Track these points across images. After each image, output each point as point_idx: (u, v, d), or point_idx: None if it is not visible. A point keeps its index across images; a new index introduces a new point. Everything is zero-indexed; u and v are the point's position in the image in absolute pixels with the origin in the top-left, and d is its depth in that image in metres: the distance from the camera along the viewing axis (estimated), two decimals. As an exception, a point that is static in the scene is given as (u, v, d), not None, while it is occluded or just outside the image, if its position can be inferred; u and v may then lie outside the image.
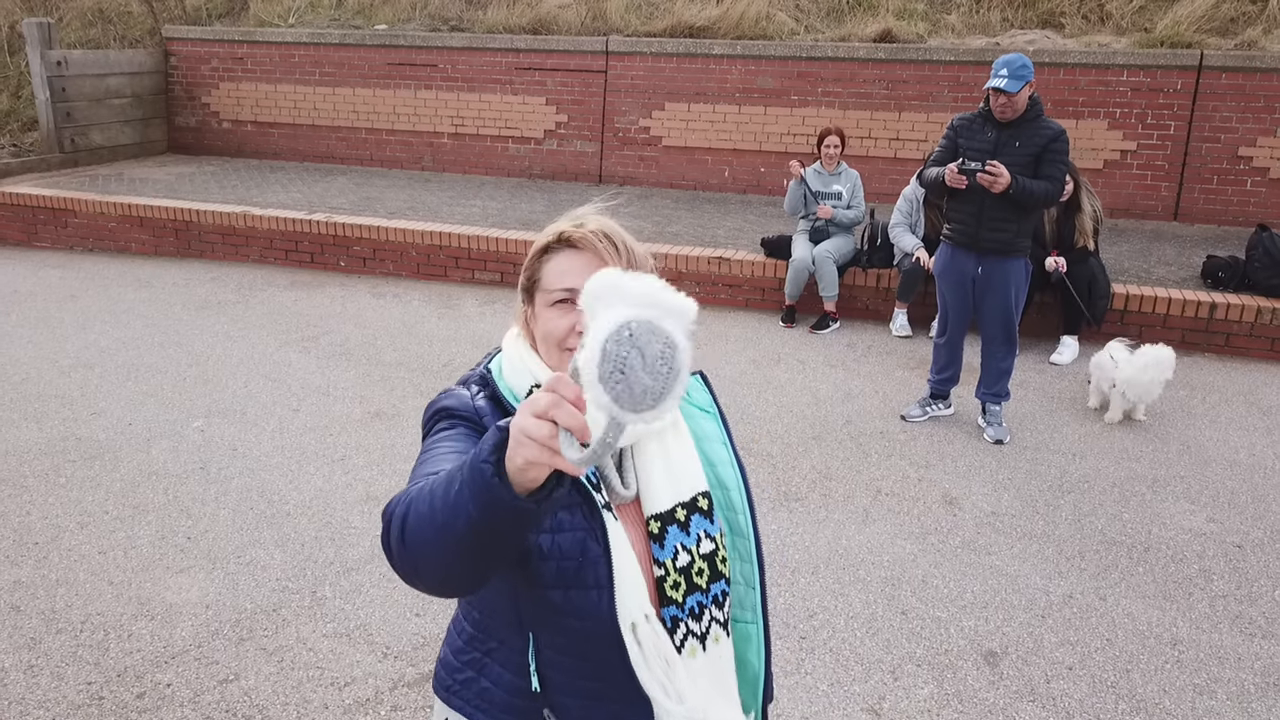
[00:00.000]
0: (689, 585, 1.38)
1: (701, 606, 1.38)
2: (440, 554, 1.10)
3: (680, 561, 1.37)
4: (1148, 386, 4.97)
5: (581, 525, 1.31)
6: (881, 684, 3.11)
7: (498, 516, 1.03)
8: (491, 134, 10.27)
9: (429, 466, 1.27)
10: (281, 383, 5.56)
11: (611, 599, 1.30)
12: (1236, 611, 3.51)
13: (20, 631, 3.32)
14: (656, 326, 0.96)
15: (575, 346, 1.28)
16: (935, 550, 3.89)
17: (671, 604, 1.36)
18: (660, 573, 1.37)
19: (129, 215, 8.48)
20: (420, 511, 1.12)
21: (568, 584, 1.31)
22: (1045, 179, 4.58)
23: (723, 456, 1.49)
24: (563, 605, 1.31)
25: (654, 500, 1.38)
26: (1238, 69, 8.03)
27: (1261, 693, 3.09)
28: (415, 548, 1.12)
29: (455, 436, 1.34)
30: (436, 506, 1.09)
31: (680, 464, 1.40)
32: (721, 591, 1.41)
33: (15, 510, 4.13)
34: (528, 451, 0.99)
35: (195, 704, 2.98)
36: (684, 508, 1.39)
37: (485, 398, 1.40)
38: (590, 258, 1.37)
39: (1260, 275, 6.18)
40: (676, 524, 1.38)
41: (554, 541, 1.30)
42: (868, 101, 8.99)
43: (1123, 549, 3.92)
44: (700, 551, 1.39)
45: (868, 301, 6.81)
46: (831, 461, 4.66)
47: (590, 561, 1.31)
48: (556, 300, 1.38)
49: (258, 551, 3.83)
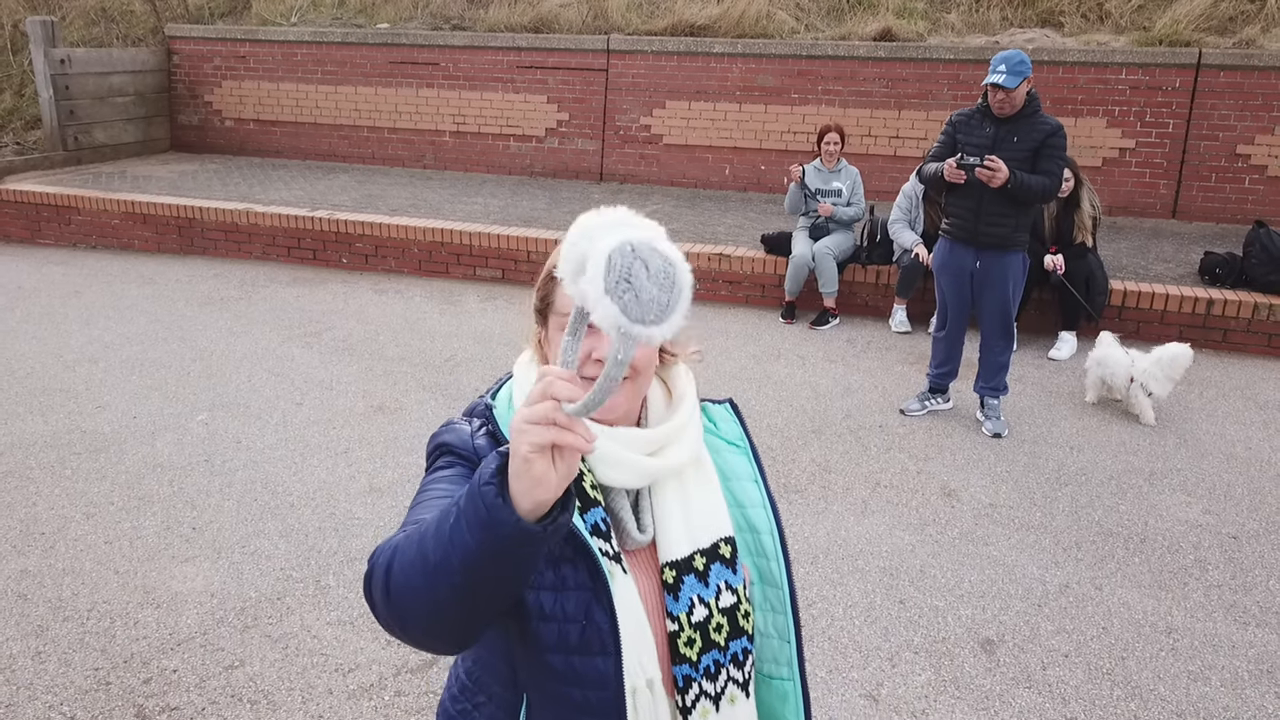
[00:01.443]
0: (705, 642, 1.26)
1: (718, 665, 1.27)
2: (429, 599, 1.03)
3: (696, 616, 1.26)
4: (1164, 380, 4.99)
5: (587, 584, 1.21)
6: (879, 671, 3.15)
7: (499, 545, 0.97)
8: (493, 132, 10.31)
9: (421, 511, 1.19)
10: (285, 377, 5.60)
11: (619, 667, 1.20)
12: (1231, 601, 3.55)
13: (28, 619, 3.36)
14: (656, 245, 0.96)
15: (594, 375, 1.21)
16: (933, 541, 3.93)
17: (684, 662, 1.25)
18: (674, 628, 1.25)
19: (132, 212, 8.53)
20: (407, 556, 1.05)
21: (570, 649, 1.20)
22: (1043, 174, 4.62)
23: (753, 497, 1.37)
24: (564, 672, 1.21)
25: (670, 547, 1.27)
26: (1236, 67, 8.06)
27: (1255, 680, 3.12)
28: (401, 595, 1.05)
29: (452, 478, 1.26)
30: (428, 548, 1.02)
31: (701, 507, 1.30)
32: (742, 649, 1.29)
33: (22, 501, 4.17)
34: (531, 434, 0.93)
35: (201, 689, 3.01)
36: (703, 555, 1.27)
37: (486, 435, 1.30)
38: None
39: (1257, 271, 6.22)
40: (694, 573, 1.27)
41: (556, 601, 1.20)
42: (868, 100, 9.03)
43: (1119, 540, 3.95)
44: (719, 605, 1.27)
45: (867, 298, 6.85)
46: (831, 455, 4.69)
47: (595, 626, 1.20)
48: None
49: (262, 541, 3.86)
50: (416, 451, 4.64)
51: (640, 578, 1.26)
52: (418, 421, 4.99)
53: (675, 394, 1.36)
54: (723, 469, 1.37)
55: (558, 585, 1.20)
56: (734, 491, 1.36)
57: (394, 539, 1.10)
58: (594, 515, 1.23)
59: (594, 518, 1.23)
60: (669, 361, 1.38)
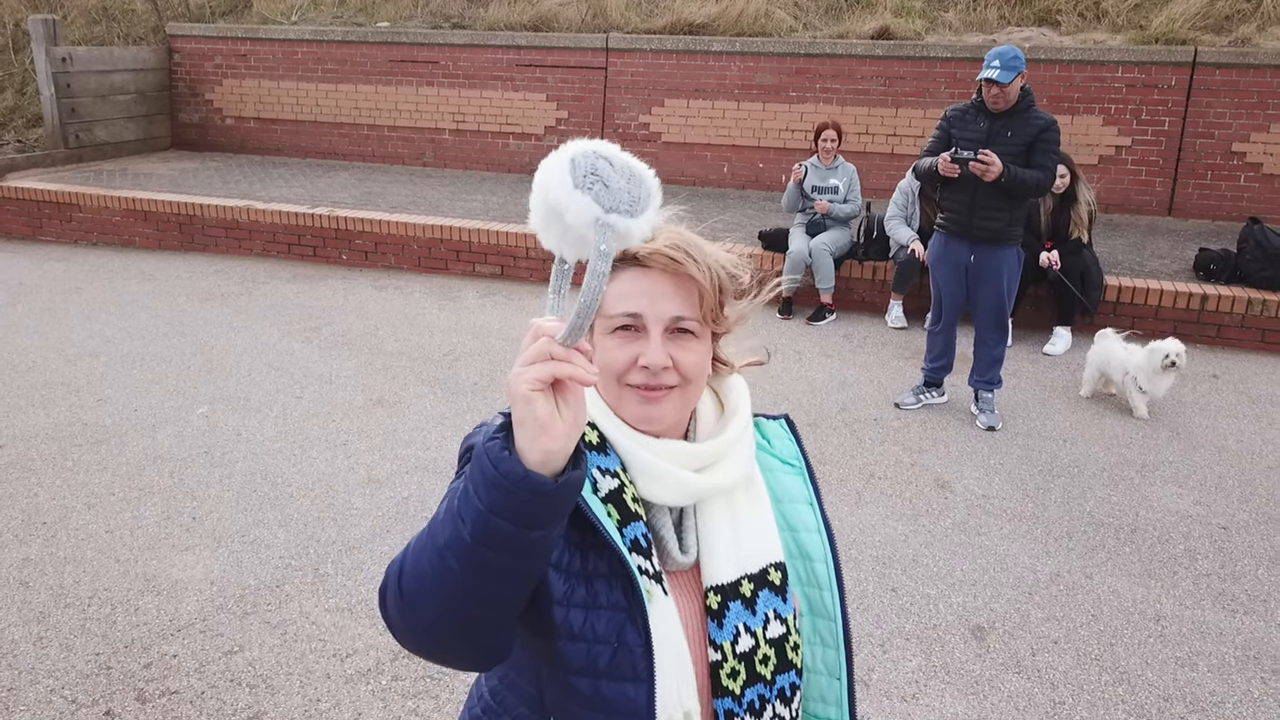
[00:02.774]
0: (750, 675, 1.16)
1: (764, 701, 1.17)
2: (439, 588, 0.97)
3: (741, 646, 1.16)
4: (1151, 374, 5.02)
5: (621, 604, 1.11)
6: (871, 657, 3.19)
7: (510, 502, 0.91)
8: (492, 130, 10.35)
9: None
10: (284, 371, 5.64)
11: (651, 695, 1.11)
12: (1220, 589, 3.59)
13: (30, 606, 3.40)
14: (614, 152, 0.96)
15: (638, 382, 1.16)
16: (926, 531, 3.97)
17: (727, 695, 1.16)
18: (716, 657, 1.16)
19: (133, 209, 8.57)
20: (419, 545, 1.00)
21: (598, 673, 1.11)
22: (1037, 168, 4.66)
23: (808, 520, 1.27)
24: (590, 697, 1.11)
25: (716, 570, 1.18)
26: (1231, 65, 8.10)
27: (1241, 665, 3.16)
28: (412, 590, 0.99)
29: None
30: (437, 529, 0.98)
31: (751, 529, 1.21)
32: (790, 685, 1.19)
33: (23, 492, 4.21)
34: (530, 371, 0.90)
35: (200, 674, 3.05)
36: (751, 581, 1.18)
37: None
38: (657, 279, 1.16)
39: (1251, 267, 6.25)
40: (741, 600, 1.17)
41: (587, 621, 1.10)
42: (865, 98, 9.07)
43: (1110, 530, 3.99)
44: (767, 635, 1.18)
45: (864, 293, 6.89)
46: (826, 447, 4.73)
47: (627, 649, 1.11)
48: (617, 327, 1.16)
49: (261, 531, 3.90)
50: (415, 444, 4.68)
51: (681, 601, 1.17)
52: (416, 414, 5.03)
53: (728, 407, 1.27)
54: (775, 490, 1.27)
55: (589, 603, 1.11)
56: (786, 514, 1.27)
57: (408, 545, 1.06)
58: (634, 530, 1.14)
59: (634, 533, 1.13)
60: (722, 371, 1.29)
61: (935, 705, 2.96)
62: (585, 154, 0.94)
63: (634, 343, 1.16)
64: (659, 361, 1.14)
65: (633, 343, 1.16)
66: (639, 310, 1.15)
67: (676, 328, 1.16)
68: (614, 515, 1.13)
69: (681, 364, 1.16)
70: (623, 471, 1.16)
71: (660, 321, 1.15)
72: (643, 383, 1.15)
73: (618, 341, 1.17)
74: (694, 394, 1.20)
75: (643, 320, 1.15)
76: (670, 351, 1.15)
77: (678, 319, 1.16)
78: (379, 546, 3.77)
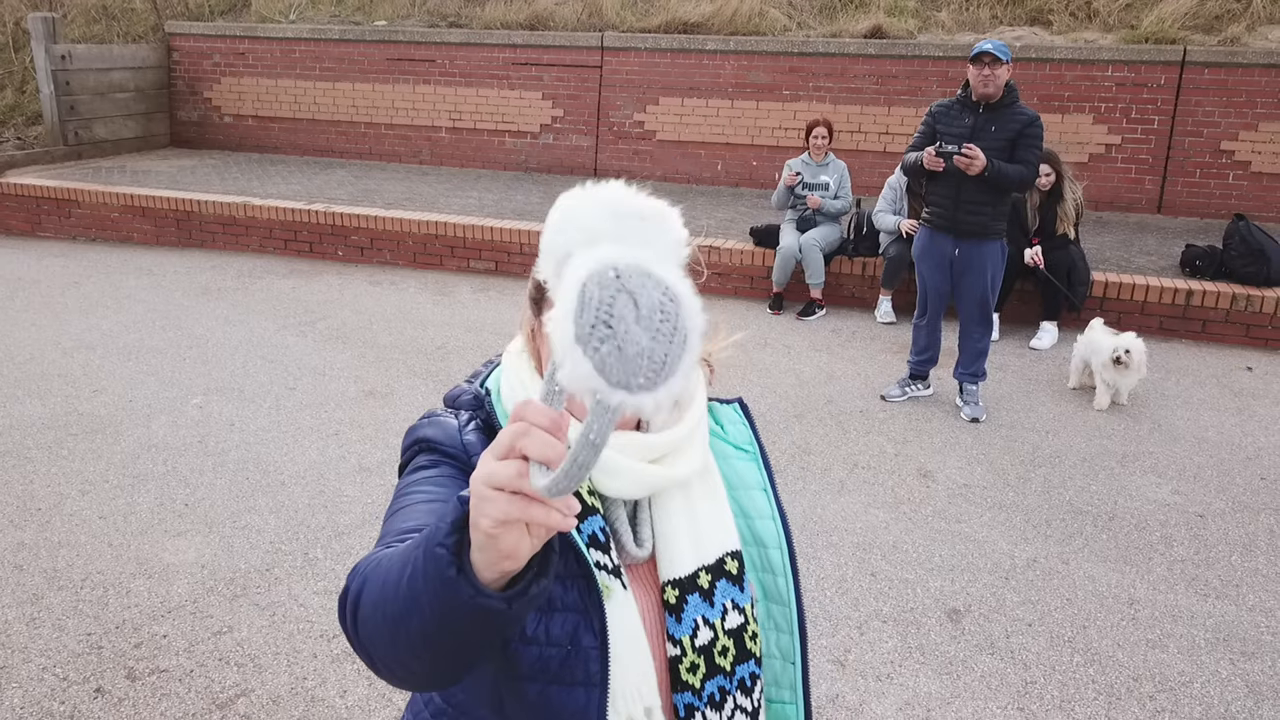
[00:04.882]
0: (710, 667, 1.14)
1: (724, 693, 1.15)
2: (394, 652, 0.89)
3: (700, 639, 1.14)
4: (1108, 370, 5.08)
5: (577, 605, 1.07)
6: (848, 638, 3.25)
7: (454, 617, 0.81)
8: (489, 128, 10.42)
9: (399, 521, 1.05)
10: (279, 363, 5.71)
11: (603, 701, 1.07)
12: (1193, 575, 3.65)
13: (23, 588, 3.46)
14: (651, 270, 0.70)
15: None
16: (907, 519, 4.03)
17: (687, 689, 1.13)
18: (675, 652, 1.13)
19: (131, 205, 8.64)
20: (372, 594, 0.91)
21: (548, 678, 1.06)
22: (1020, 163, 4.72)
23: (761, 507, 1.24)
24: (536, 703, 1.07)
25: (673, 563, 1.14)
26: (1220, 64, 8.16)
27: (1211, 647, 3.22)
28: (370, 639, 0.91)
29: (435, 480, 1.11)
30: (388, 594, 0.87)
31: (708, 519, 1.17)
32: (750, 674, 1.17)
33: (19, 479, 4.27)
34: (493, 507, 0.75)
35: (190, 653, 3.12)
36: (708, 572, 1.15)
37: (476, 430, 1.15)
38: None
39: (1237, 264, 6.32)
40: (699, 592, 1.14)
41: (540, 623, 1.06)
42: (858, 96, 9.13)
43: (1088, 518, 4.05)
44: (725, 626, 1.15)
45: (854, 289, 6.95)
46: (811, 438, 4.80)
47: (581, 652, 1.07)
48: None
49: (252, 517, 3.97)
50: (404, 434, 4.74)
51: (639, 596, 1.14)
52: (408, 405, 5.10)
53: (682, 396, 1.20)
54: (728, 476, 1.23)
55: (543, 605, 1.06)
56: (740, 501, 1.24)
57: (369, 561, 0.96)
58: (591, 524, 1.10)
59: (591, 527, 1.10)
60: None
61: (910, 684, 3.03)
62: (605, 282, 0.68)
63: None
64: None
65: None
66: None
67: None
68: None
69: None
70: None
71: None
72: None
73: None
74: None
75: None
76: None
77: None
78: (369, 532, 3.84)
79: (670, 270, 0.71)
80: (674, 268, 0.72)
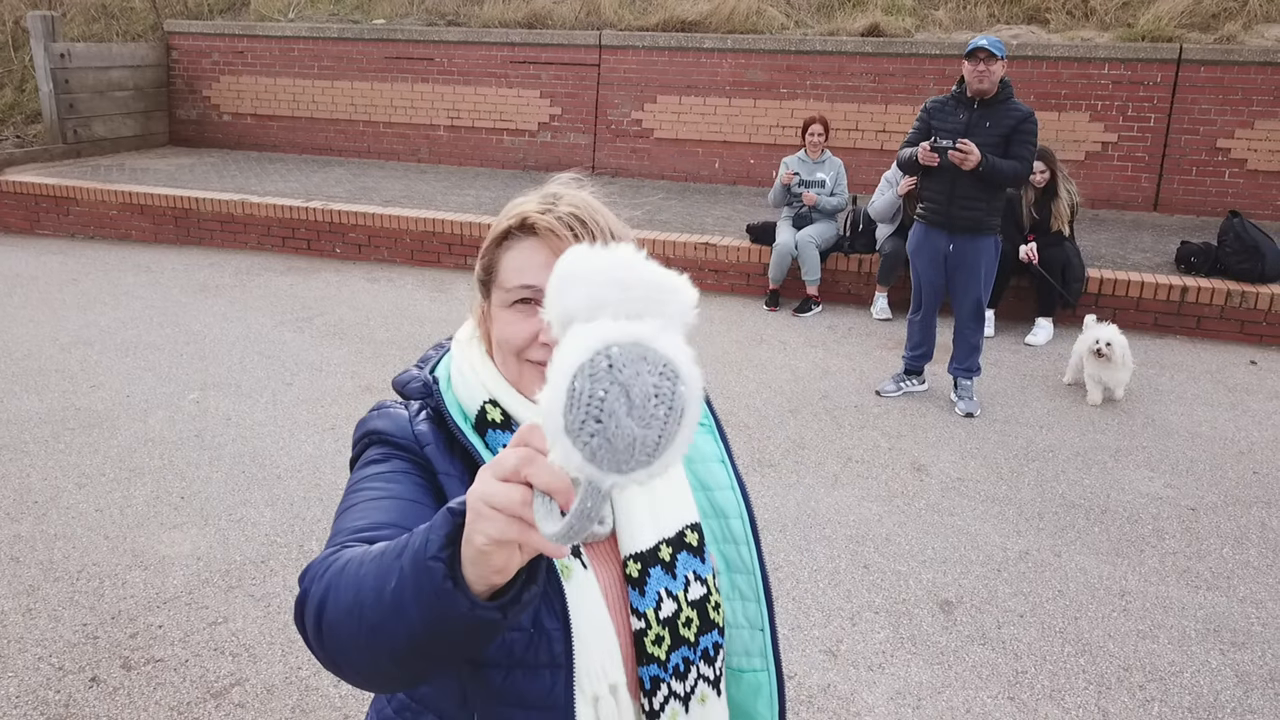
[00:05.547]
0: (674, 639, 1.15)
1: (688, 663, 1.16)
2: (370, 659, 0.87)
3: (664, 611, 1.14)
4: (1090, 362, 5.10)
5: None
6: (840, 629, 3.26)
7: (449, 628, 0.81)
8: (486, 126, 10.44)
9: (353, 519, 1.03)
10: (276, 359, 5.72)
11: (570, 681, 1.07)
12: (1185, 567, 3.66)
13: (19, 579, 3.48)
14: (648, 349, 0.69)
15: (539, 358, 1.09)
16: (900, 512, 4.05)
17: (652, 662, 1.14)
18: (640, 625, 1.13)
19: (130, 203, 8.65)
20: (342, 602, 0.88)
21: (511, 662, 1.06)
22: (1014, 159, 4.74)
23: (720, 479, 1.25)
24: (503, 690, 1.07)
25: (634, 537, 1.14)
26: (1216, 62, 8.18)
27: (1201, 638, 3.24)
28: (337, 646, 0.89)
29: (388, 476, 1.09)
30: (366, 602, 0.85)
31: (666, 493, 1.17)
32: (713, 644, 1.18)
33: (15, 473, 4.29)
34: (491, 527, 0.75)
35: (185, 643, 3.13)
36: (669, 545, 1.16)
37: (427, 420, 1.14)
38: (557, 250, 1.07)
39: (1231, 260, 6.33)
40: (660, 565, 1.14)
41: None
42: (855, 94, 9.15)
43: (1081, 511, 4.07)
44: (688, 598, 1.16)
45: (849, 286, 6.97)
46: (806, 432, 4.81)
47: (544, 634, 1.07)
48: (516, 300, 1.12)
49: (248, 510, 3.98)
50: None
51: (600, 572, 1.14)
52: (404, 400, 5.11)
53: None
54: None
55: None
56: (699, 474, 1.24)
57: (326, 564, 0.94)
58: None
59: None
60: None
61: (901, 674, 3.04)
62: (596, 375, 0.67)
63: (534, 317, 1.09)
64: None
65: (532, 317, 1.09)
66: (538, 283, 1.07)
67: None
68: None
69: None
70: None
71: None
72: (544, 359, 1.05)
73: (517, 315, 1.11)
74: None
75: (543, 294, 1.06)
76: None
77: None
78: (363, 524, 3.85)
79: (670, 342, 0.70)
80: (676, 337, 0.71)
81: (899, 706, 2.90)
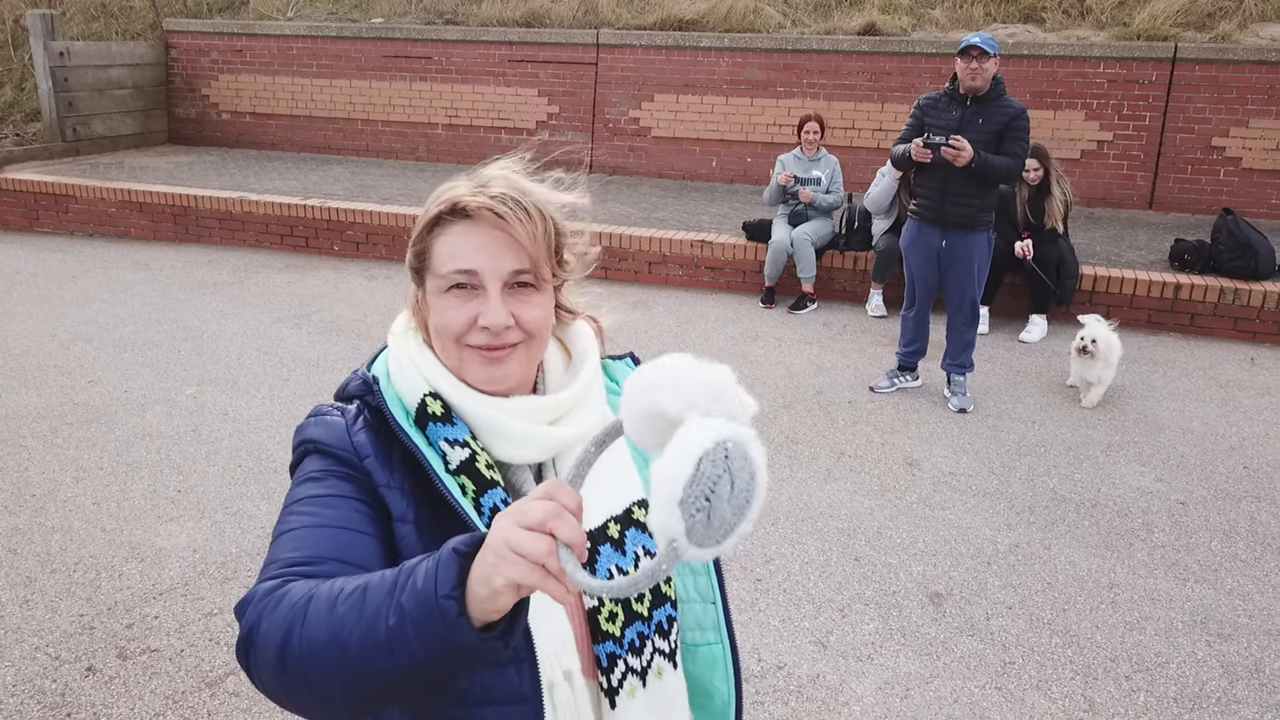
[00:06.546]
0: (628, 615, 1.16)
1: (643, 638, 1.17)
2: (352, 690, 0.88)
3: None
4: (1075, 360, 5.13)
5: None
6: (830, 620, 3.29)
7: (456, 661, 0.85)
8: (485, 125, 10.47)
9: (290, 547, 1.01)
10: (273, 355, 5.75)
11: (535, 673, 1.07)
12: (1173, 560, 3.69)
13: (17, 571, 3.51)
14: (749, 452, 0.80)
15: (479, 343, 1.11)
16: (892, 505, 4.07)
17: (608, 639, 1.15)
18: (593, 603, 1.15)
19: (128, 201, 8.68)
20: (316, 639, 0.87)
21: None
22: (1007, 155, 4.77)
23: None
24: (470, 691, 1.07)
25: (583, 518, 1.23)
26: (1211, 61, 8.21)
27: (1189, 629, 3.27)
28: (304, 681, 0.89)
29: (325, 500, 1.07)
30: (348, 638, 0.86)
31: (611, 471, 1.18)
32: (667, 617, 1.19)
33: (14, 467, 4.32)
34: (514, 571, 0.80)
35: (181, 633, 3.16)
36: (617, 522, 1.17)
37: (365, 427, 1.12)
38: (490, 233, 1.09)
39: (1224, 257, 6.36)
40: (609, 542, 1.15)
41: None
42: (852, 93, 9.18)
43: (1071, 505, 4.10)
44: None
45: (845, 283, 7.00)
46: (799, 427, 4.84)
47: None
48: (452, 286, 1.11)
49: (244, 503, 4.01)
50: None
51: None
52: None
53: (575, 355, 1.24)
54: None
55: None
56: (643, 452, 1.23)
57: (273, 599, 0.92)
58: (492, 497, 1.09)
59: (493, 500, 1.09)
60: (566, 319, 1.25)
61: (890, 665, 3.07)
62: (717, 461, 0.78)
63: (471, 301, 1.10)
64: (500, 321, 1.09)
65: (470, 301, 1.10)
66: (474, 267, 1.09)
67: (515, 282, 1.11)
68: (469, 487, 1.09)
69: (524, 320, 1.11)
70: (473, 439, 1.12)
71: (498, 278, 1.09)
72: (485, 343, 1.11)
73: (454, 301, 1.11)
74: (539, 348, 1.17)
75: (479, 278, 1.09)
76: (511, 308, 1.10)
77: (516, 273, 1.10)
78: (358, 518, 3.88)
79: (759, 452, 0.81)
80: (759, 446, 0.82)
81: (887, 696, 2.93)
